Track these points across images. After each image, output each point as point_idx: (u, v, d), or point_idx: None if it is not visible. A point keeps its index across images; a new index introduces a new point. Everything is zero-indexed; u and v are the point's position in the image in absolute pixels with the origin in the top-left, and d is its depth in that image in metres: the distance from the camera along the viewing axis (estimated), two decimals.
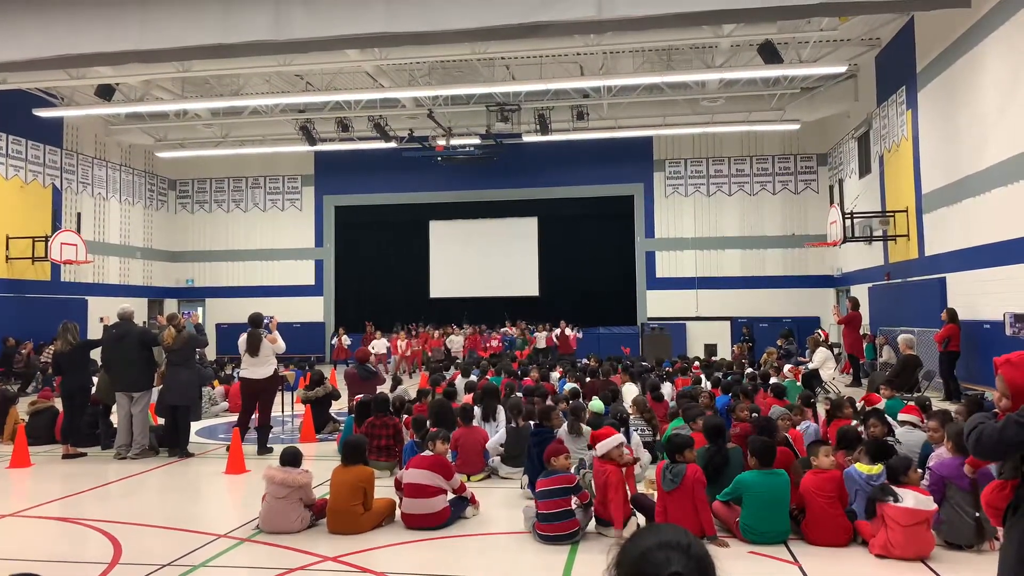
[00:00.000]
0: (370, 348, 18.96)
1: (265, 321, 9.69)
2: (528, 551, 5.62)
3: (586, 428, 7.64)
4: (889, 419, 7.08)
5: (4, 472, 8.69)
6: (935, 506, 5.32)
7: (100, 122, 22.45)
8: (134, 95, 19.29)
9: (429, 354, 21.50)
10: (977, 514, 5.26)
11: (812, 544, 5.53)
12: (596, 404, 8.73)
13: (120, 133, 22.90)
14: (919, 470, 6.00)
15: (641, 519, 5.93)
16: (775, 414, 7.47)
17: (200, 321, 10.77)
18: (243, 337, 9.57)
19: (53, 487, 7.94)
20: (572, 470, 6.56)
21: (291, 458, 6.32)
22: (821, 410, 8.92)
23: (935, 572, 5.02)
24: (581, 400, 9.31)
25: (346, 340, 21.89)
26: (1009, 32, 11.77)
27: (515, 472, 7.80)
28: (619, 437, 5.94)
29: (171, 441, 9.45)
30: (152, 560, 5.39)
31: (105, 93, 17.17)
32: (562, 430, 7.69)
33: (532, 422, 7.82)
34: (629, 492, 6.19)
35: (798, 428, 7.49)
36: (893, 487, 5.31)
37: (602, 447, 5.85)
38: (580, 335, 21.91)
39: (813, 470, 5.66)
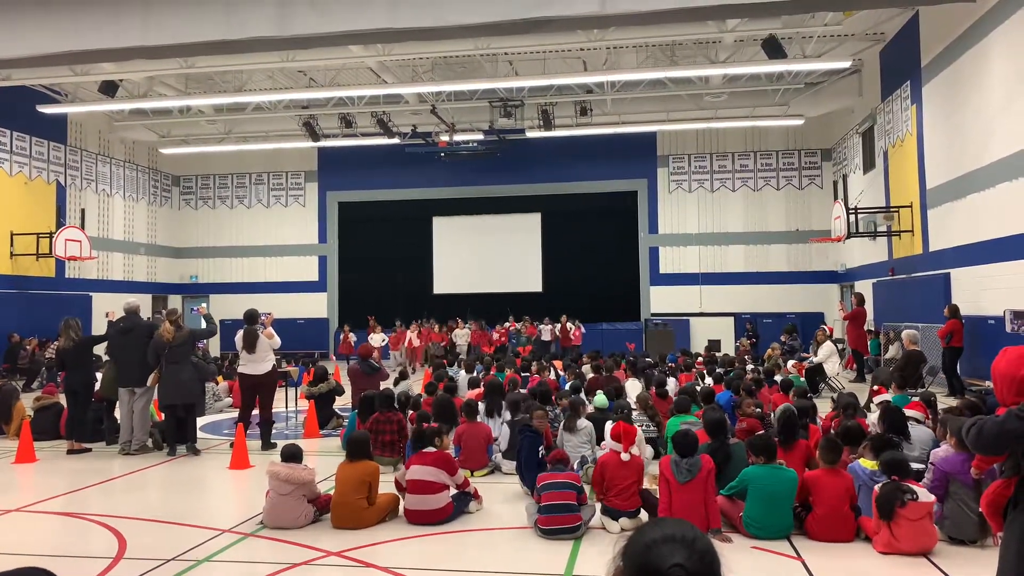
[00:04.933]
0: (369, 340, 18.92)
1: (261, 317, 9.68)
2: (531, 546, 5.63)
3: (584, 423, 7.64)
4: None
5: (10, 467, 8.72)
6: (934, 497, 5.33)
7: (104, 118, 22.48)
8: (138, 91, 19.32)
9: (430, 349, 21.47)
10: (980, 509, 5.25)
11: (816, 540, 5.53)
12: (600, 399, 8.72)
13: (124, 129, 22.92)
14: (920, 466, 6.01)
15: (644, 515, 5.93)
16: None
17: (208, 312, 10.75)
18: (239, 334, 9.56)
19: (58, 482, 7.96)
20: (576, 466, 6.58)
21: (291, 455, 6.33)
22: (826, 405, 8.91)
23: (938, 567, 5.02)
24: (583, 396, 9.29)
25: (352, 337, 21.85)
26: (1014, 27, 11.72)
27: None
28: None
29: (175, 438, 9.40)
30: (156, 555, 5.41)
31: (109, 89, 17.20)
32: (562, 427, 7.72)
33: (523, 417, 7.79)
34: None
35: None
36: (908, 484, 5.28)
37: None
38: (583, 329, 21.84)
39: (826, 468, 5.66)
